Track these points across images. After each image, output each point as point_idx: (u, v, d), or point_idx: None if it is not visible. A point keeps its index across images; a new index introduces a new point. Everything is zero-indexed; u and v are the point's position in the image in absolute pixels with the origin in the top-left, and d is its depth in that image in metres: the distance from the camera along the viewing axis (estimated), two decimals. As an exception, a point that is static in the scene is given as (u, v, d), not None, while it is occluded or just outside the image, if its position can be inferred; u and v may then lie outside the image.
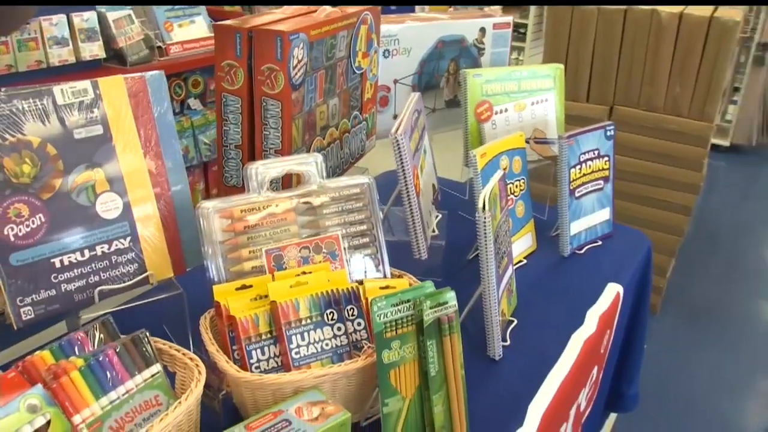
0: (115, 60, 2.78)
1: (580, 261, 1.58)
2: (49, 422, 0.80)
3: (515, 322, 1.31)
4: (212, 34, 3.12)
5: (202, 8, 3.16)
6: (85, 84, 1.01)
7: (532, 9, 6.65)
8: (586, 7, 2.68)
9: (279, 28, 1.07)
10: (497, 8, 5.86)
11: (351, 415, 0.86)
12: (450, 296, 0.94)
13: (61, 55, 2.56)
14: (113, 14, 2.73)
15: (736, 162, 5.47)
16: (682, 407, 2.61)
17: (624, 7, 2.64)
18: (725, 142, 5.48)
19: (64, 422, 0.81)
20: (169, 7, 3.02)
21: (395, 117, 1.68)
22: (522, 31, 5.98)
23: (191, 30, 3.07)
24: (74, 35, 2.60)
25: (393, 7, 3.49)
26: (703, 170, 2.68)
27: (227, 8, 3.30)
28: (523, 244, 1.57)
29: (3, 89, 0.96)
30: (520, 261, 1.55)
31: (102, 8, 2.70)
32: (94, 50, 2.65)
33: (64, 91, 0.99)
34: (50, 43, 2.53)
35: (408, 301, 0.91)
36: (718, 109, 2.91)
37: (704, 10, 2.59)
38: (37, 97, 0.96)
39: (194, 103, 3.12)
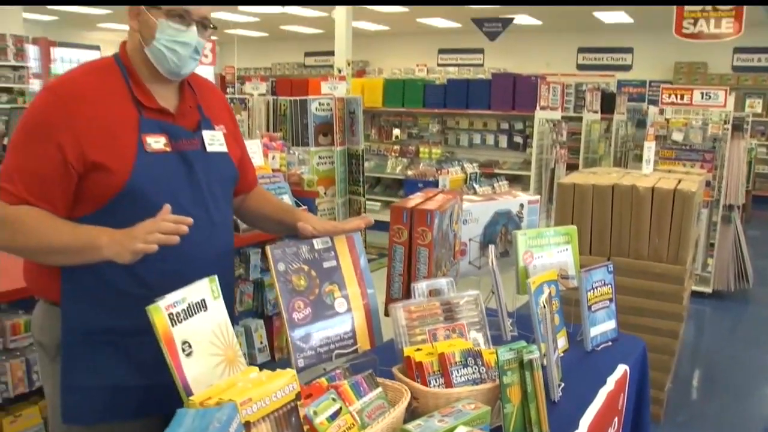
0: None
1: (598, 353, 2.36)
2: (340, 408, 1.56)
3: (563, 384, 2.07)
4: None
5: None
6: (327, 238, 1.86)
7: (541, 189, 7.88)
8: (584, 184, 3.64)
9: (428, 207, 1.95)
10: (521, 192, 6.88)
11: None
12: (534, 348, 1.73)
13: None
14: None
15: (718, 307, 6.30)
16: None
17: (611, 183, 3.60)
18: (708, 290, 6.35)
19: (346, 409, 1.57)
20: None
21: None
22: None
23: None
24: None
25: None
26: (683, 302, 3.51)
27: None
28: (559, 344, 2.36)
29: (291, 242, 1.80)
30: (559, 354, 2.33)
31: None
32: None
33: (316, 242, 1.84)
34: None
35: (514, 349, 1.70)
36: (698, 261, 3.72)
37: (670, 183, 3.55)
38: (304, 244, 1.81)
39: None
